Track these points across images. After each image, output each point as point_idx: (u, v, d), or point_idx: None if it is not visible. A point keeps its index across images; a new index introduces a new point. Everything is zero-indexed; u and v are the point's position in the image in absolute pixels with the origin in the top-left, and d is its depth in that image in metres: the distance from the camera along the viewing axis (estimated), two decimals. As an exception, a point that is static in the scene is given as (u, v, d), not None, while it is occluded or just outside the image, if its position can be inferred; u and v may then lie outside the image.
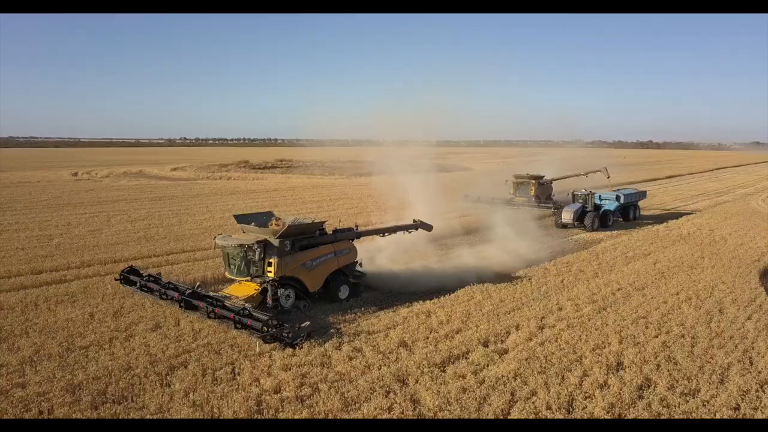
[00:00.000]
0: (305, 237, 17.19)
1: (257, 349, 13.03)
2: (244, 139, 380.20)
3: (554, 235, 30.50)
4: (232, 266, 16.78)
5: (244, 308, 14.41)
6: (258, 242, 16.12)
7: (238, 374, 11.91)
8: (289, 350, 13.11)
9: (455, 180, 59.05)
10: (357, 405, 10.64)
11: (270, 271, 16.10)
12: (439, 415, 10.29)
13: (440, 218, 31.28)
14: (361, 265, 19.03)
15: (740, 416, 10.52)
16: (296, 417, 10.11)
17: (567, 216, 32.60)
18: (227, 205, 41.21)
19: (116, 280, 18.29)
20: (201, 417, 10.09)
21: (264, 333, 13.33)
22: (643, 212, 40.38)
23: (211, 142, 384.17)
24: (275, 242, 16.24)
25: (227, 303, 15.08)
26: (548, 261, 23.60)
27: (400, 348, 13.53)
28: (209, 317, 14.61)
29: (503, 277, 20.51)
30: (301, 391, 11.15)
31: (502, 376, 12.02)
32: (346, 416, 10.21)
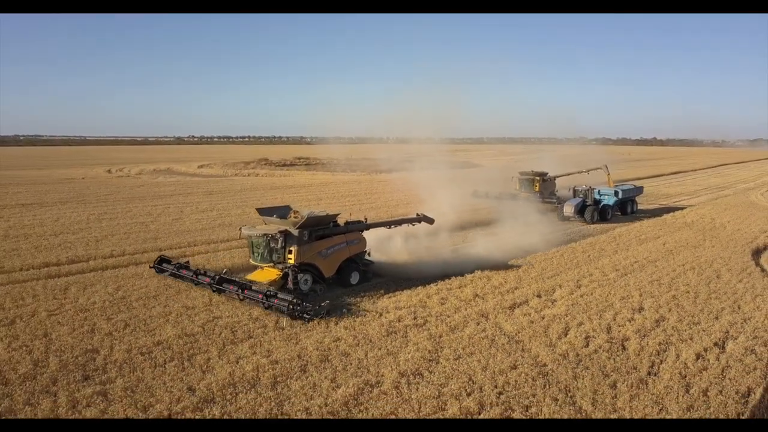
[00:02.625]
0: (321, 228, 18.94)
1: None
2: (249, 137, 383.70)
3: (571, 224, 34.66)
4: (256, 254, 18.62)
5: (271, 290, 16.43)
6: (280, 232, 17.88)
7: (367, 311, 16.44)
8: (394, 298, 17.67)
9: (472, 175, 63.22)
10: (460, 328, 15.18)
11: (290, 258, 17.82)
12: (517, 337, 14.76)
13: (466, 209, 36.04)
14: (369, 254, 20.92)
15: (728, 337, 14.97)
16: (419, 336, 14.57)
17: (568, 210, 35.38)
18: (276, 199, 45.74)
19: (151, 267, 20.61)
20: (353, 336, 14.56)
21: (290, 311, 15.41)
22: (651, 204, 44.86)
23: (216, 140, 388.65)
24: (295, 232, 17.98)
25: (253, 287, 17.02)
26: (574, 242, 28.08)
27: (476, 298, 18.06)
28: (239, 298, 16.89)
29: (539, 254, 25.00)
30: (416, 321, 15.70)
31: (557, 314, 16.53)
32: (452, 336, 14.68)
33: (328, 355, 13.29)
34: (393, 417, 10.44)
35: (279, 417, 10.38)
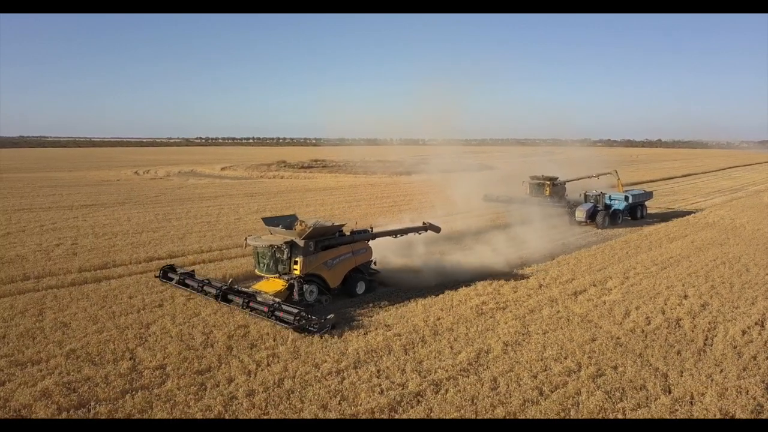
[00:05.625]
0: (327, 238, 19.00)
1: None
2: (253, 138, 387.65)
3: (585, 227, 35.77)
4: (261, 264, 18.57)
5: (277, 302, 16.39)
6: (286, 243, 17.87)
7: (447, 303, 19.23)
8: (473, 287, 20.44)
9: (489, 178, 65.34)
10: (537, 311, 17.97)
11: (296, 269, 17.90)
12: (587, 317, 17.49)
13: (497, 210, 38.62)
14: (375, 263, 21.08)
15: (765, 318, 17.67)
16: (505, 316, 17.33)
17: (580, 214, 36.14)
18: (317, 200, 48.64)
19: (156, 276, 20.75)
20: (451, 316, 17.32)
21: (295, 324, 15.27)
22: (670, 206, 47.49)
23: (221, 140, 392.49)
24: (301, 243, 17.99)
25: (259, 298, 17.05)
26: (611, 240, 30.86)
27: (541, 287, 20.85)
28: (244, 309, 16.79)
29: (582, 251, 27.80)
30: (498, 305, 18.48)
31: (615, 300, 19.29)
32: (533, 316, 17.43)
33: (437, 330, 16.08)
34: (511, 374, 13.20)
35: (421, 373, 13.12)
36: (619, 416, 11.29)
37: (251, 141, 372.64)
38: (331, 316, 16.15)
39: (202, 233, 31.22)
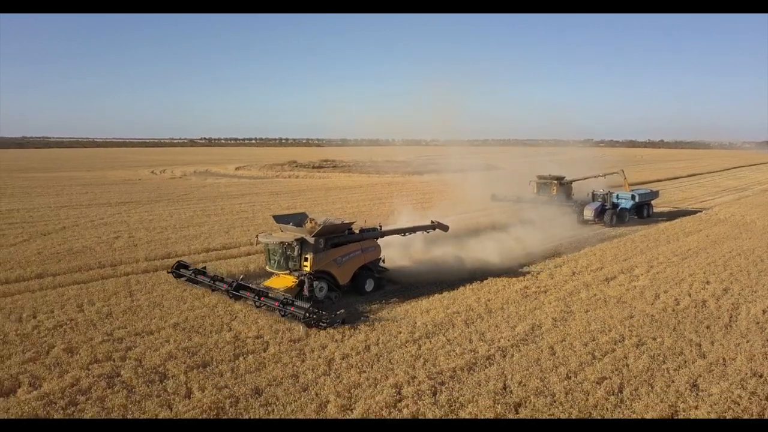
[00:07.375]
0: (336, 236, 19.38)
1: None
2: (255, 139, 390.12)
3: (594, 225, 37.06)
4: (272, 261, 19.09)
5: (288, 298, 16.45)
6: (296, 240, 18.39)
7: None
8: (515, 276, 22.33)
9: (501, 177, 66.77)
10: (575, 293, 19.88)
11: (306, 266, 18.24)
12: (622, 299, 19.37)
13: (507, 209, 40.30)
14: (383, 261, 21.52)
15: (782, 301, 19.57)
16: (548, 298, 19.23)
17: (588, 213, 37.01)
18: (341, 198, 50.57)
19: (168, 272, 21.04)
20: (499, 298, 19.21)
21: (306, 319, 15.56)
22: (678, 204, 49.36)
23: (224, 141, 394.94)
24: (311, 240, 18.41)
25: (270, 294, 17.15)
26: (630, 234, 32.76)
27: (575, 274, 22.77)
28: (256, 305, 17.09)
29: (605, 243, 29.72)
30: (539, 289, 20.40)
31: (644, 285, 21.20)
32: (573, 298, 19.33)
33: (491, 309, 18.01)
34: (565, 343, 15.09)
35: (486, 342, 15.01)
36: (665, 375, 13.18)
37: (254, 141, 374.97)
38: (342, 311, 16.66)
39: (244, 228, 33.13)
